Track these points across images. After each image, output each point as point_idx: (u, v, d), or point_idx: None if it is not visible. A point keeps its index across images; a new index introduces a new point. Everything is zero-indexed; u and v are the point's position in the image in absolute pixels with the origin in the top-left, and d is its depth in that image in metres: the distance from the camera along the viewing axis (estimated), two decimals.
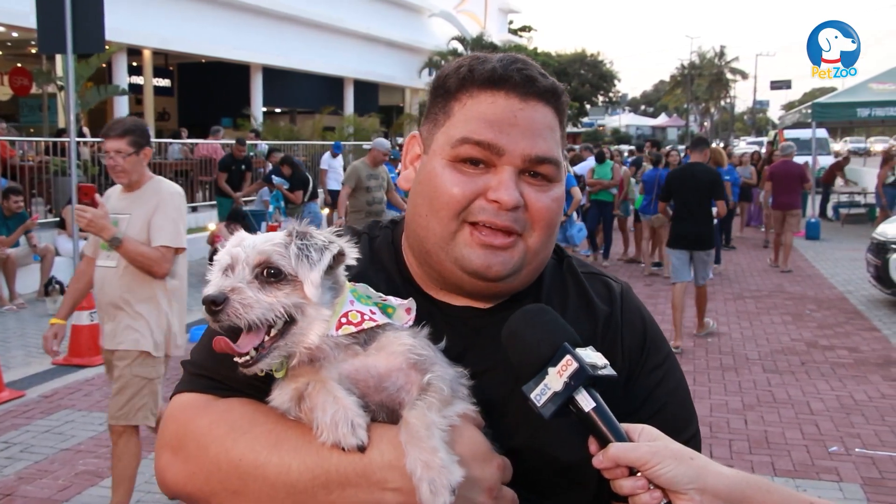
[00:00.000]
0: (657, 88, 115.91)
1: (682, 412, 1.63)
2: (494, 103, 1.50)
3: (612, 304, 1.66)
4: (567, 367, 1.32)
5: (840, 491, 5.91)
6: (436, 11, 42.00)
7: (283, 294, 1.35)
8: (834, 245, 19.75)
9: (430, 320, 1.51)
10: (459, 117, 1.52)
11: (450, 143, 1.51)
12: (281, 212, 15.84)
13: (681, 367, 1.71)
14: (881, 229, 13.26)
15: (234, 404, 1.45)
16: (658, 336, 1.70)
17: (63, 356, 9.02)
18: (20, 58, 26.58)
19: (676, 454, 1.30)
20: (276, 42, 29.77)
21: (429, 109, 1.61)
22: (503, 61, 1.53)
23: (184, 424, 1.46)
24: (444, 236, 1.50)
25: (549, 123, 1.53)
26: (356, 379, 1.38)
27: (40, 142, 16.97)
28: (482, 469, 1.34)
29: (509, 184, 1.47)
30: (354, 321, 1.39)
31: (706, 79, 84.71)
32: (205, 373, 1.52)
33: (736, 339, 10.49)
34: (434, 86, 1.61)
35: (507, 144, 1.48)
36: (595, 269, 1.76)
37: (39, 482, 5.89)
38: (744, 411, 7.65)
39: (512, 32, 59.55)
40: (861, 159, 44.49)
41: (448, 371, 1.41)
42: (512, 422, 1.50)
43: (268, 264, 1.36)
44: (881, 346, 10.11)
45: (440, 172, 1.51)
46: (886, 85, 20.74)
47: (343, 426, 1.29)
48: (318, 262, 1.36)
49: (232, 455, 1.37)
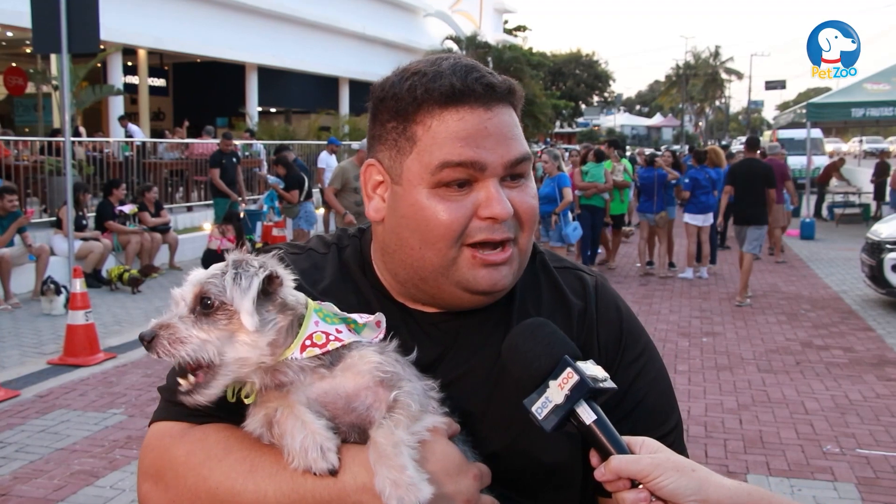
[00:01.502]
0: (652, 88, 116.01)
1: (662, 403, 1.62)
2: (462, 119, 1.45)
3: (586, 298, 1.65)
4: (568, 379, 1.32)
5: (835, 490, 5.93)
6: (431, 11, 42.01)
7: (220, 326, 1.35)
8: (828, 245, 19.80)
9: (405, 328, 1.51)
10: (428, 142, 1.45)
11: (429, 171, 1.45)
12: (275, 211, 15.83)
13: (660, 357, 1.70)
14: (875, 229, 13.29)
15: (210, 431, 1.45)
16: (635, 327, 1.68)
17: (58, 356, 9.03)
18: (15, 57, 26.54)
19: (678, 466, 1.30)
20: (271, 42, 29.75)
21: (380, 134, 1.53)
22: (458, 73, 1.46)
23: (161, 454, 1.46)
24: (443, 264, 1.48)
25: (514, 122, 1.51)
26: (325, 402, 1.38)
27: (35, 141, 16.93)
28: (456, 482, 1.34)
29: (499, 196, 1.45)
30: (319, 342, 1.38)
31: (701, 79, 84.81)
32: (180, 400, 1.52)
33: (731, 339, 10.51)
34: (379, 108, 1.53)
35: (487, 157, 1.45)
36: (568, 262, 1.75)
37: (34, 482, 5.88)
38: (738, 411, 7.66)
39: (507, 32, 59.58)
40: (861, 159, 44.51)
41: (416, 386, 1.40)
42: (493, 425, 1.50)
43: (203, 297, 1.36)
44: (875, 346, 10.13)
45: (426, 204, 1.46)
46: (880, 85, 20.78)
47: (313, 451, 1.30)
48: (247, 290, 1.35)
49: (209, 483, 1.38)
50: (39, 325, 10.75)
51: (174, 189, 19.88)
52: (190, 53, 27.64)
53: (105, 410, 7.44)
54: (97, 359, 8.99)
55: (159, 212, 15.42)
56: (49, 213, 15.07)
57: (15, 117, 27.01)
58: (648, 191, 15.32)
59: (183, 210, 19.26)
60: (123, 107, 24.59)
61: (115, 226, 14.26)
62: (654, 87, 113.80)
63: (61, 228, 13.05)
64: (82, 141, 18.18)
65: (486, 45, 41.67)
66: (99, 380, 8.41)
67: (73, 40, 10.82)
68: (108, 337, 10.00)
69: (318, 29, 32.59)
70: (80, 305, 9.00)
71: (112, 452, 6.43)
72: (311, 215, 15.42)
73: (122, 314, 11.54)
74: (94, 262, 13.36)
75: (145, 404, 7.58)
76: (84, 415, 7.33)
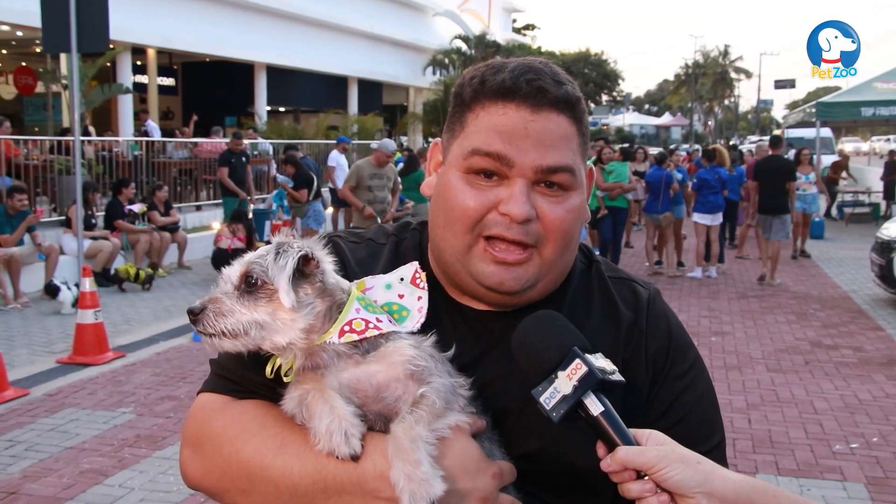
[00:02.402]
0: (661, 87, 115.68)
1: (707, 420, 1.62)
2: (505, 115, 1.48)
3: (637, 310, 1.65)
4: (576, 370, 1.33)
5: (844, 490, 5.91)
6: (440, 10, 42.02)
7: (261, 302, 1.41)
8: (838, 244, 19.73)
9: (450, 323, 1.54)
10: (472, 128, 1.51)
11: (462, 155, 1.51)
12: (284, 210, 15.82)
13: (708, 375, 1.69)
14: (885, 228, 13.24)
15: (248, 407, 1.51)
16: (684, 342, 1.68)
17: (67, 355, 9.06)
18: (25, 57, 26.62)
19: (683, 458, 1.31)
20: (280, 41, 29.78)
21: (449, 118, 1.61)
22: (514, 72, 1.50)
23: (202, 423, 1.54)
24: (460, 249, 1.51)
25: (563, 133, 1.49)
26: (355, 388, 1.42)
27: (45, 141, 16.99)
28: (474, 480, 1.36)
29: (520, 197, 1.46)
30: (358, 329, 1.42)
31: (710, 78, 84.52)
32: (226, 374, 1.58)
33: (740, 339, 10.48)
34: (453, 94, 1.61)
35: (517, 156, 1.46)
36: (624, 273, 1.74)
37: (44, 480, 5.90)
38: (748, 410, 7.65)
39: (516, 31, 59.57)
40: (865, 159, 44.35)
41: (445, 382, 1.42)
42: (528, 426, 1.51)
43: (248, 275, 1.42)
44: (885, 346, 10.09)
45: (454, 185, 1.51)
46: (891, 84, 20.72)
47: (337, 436, 1.34)
48: (284, 268, 1.40)
49: (241, 456, 1.44)
50: (49, 324, 10.79)
51: (183, 188, 19.92)
52: (199, 53, 27.69)
53: (114, 409, 7.46)
54: (106, 358, 9.02)
55: (168, 211, 15.45)
56: (58, 213, 15.10)
57: (25, 116, 27.07)
58: (655, 190, 15.28)
59: (192, 209, 19.30)
60: (132, 106, 24.66)
61: (125, 225, 14.30)
62: (663, 87, 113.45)
63: (71, 227, 13.08)
64: (92, 140, 18.21)
65: (495, 44, 41.68)
66: (108, 379, 8.43)
67: (83, 40, 10.85)
68: (117, 336, 10.03)
69: (326, 28, 32.60)
70: (90, 304, 9.03)
71: (121, 451, 6.44)
72: (319, 214, 15.42)
73: (132, 313, 11.57)
74: (104, 262, 13.40)
75: (154, 403, 7.60)
76: (93, 414, 7.35)
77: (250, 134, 23.34)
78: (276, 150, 22.79)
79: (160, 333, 10.35)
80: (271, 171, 21.14)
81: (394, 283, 1.54)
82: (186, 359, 9.14)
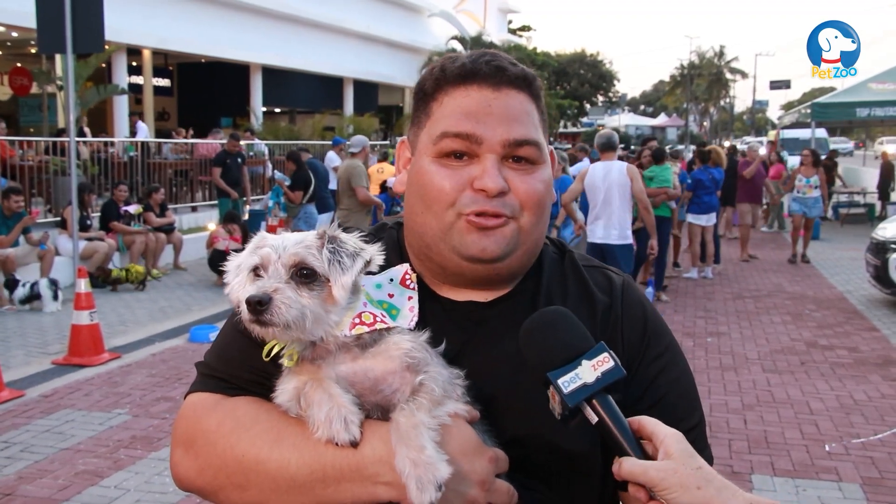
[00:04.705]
0: (657, 88, 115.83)
1: (684, 402, 1.65)
2: (468, 96, 1.55)
3: (612, 295, 1.68)
4: (603, 363, 1.37)
5: (839, 490, 5.92)
6: (435, 11, 41.99)
7: (314, 295, 1.41)
8: (833, 245, 19.76)
9: (432, 315, 1.56)
10: (438, 115, 1.57)
11: (432, 141, 1.56)
12: (281, 207, 15.75)
13: (684, 358, 1.72)
14: (880, 229, 13.27)
15: (240, 403, 1.52)
16: (660, 327, 1.71)
17: (63, 356, 9.04)
18: (20, 57, 26.55)
19: (683, 482, 1.31)
20: (275, 42, 29.76)
21: (413, 115, 1.66)
22: (472, 56, 1.58)
23: (194, 422, 1.54)
24: (441, 228, 1.55)
25: (525, 109, 1.57)
26: (353, 381, 1.44)
27: (40, 141, 16.96)
28: (472, 463, 1.38)
29: (492, 171, 1.51)
30: (367, 322, 1.45)
31: (705, 79, 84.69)
32: (215, 373, 1.60)
33: (735, 339, 10.49)
34: (415, 91, 1.67)
35: (485, 133, 1.52)
36: (597, 262, 1.79)
37: (39, 482, 5.89)
38: (743, 411, 7.66)
39: (511, 32, 59.54)
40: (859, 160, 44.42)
41: (442, 372, 1.44)
42: (514, 413, 1.53)
43: (302, 265, 1.42)
44: (881, 346, 10.11)
45: (427, 169, 1.56)
46: (886, 85, 20.73)
47: (337, 422, 1.36)
48: (350, 268, 1.43)
49: (237, 451, 1.45)
50: (44, 325, 10.77)
51: (179, 189, 19.89)
52: (194, 53, 27.66)
53: (110, 410, 7.45)
54: (102, 359, 9.00)
55: (164, 212, 15.44)
56: (54, 214, 15.08)
57: (20, 117, 27.02)
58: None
59: (187, 210, 19.28)
60: (128, 107, 24.63)
61: (120, 226, 14.28)
62: (658, 87, 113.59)
63: (66, 228, 13.07)
64: (87, 141, 18.18)
65: (491, 45, 41.62)
66: (103, 380, 8.42)
67: (78, 40, 10.85)
68: (112, 337, 10.01)
69: (322, 29, 32.59)
70: (85, 305, 9.01)
71: (116, 452, 6.44)
72: (311, 217, 15.31)
73: (127, 314, 11.55)
74: (99, 262, 13.38)
75: (150, 404, 7.59)
76: (89, 415, 7.34)
77: (247, 135, 23.32)
78: (272, 150, 22.76)
79: (156, 334, 10.34)
80: (267, 172, 21.11)
81: (384, 284, 1.56)
82: (182, 360, 9.12)
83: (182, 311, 11.77)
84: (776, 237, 21.95)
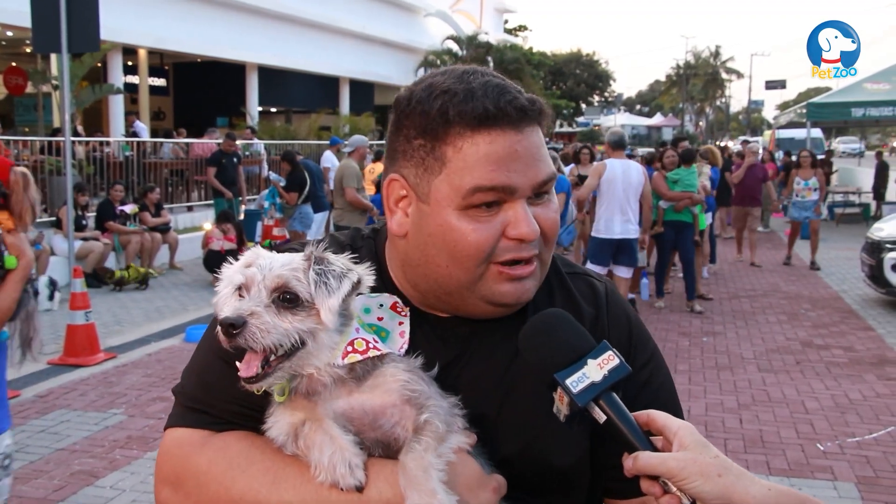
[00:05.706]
0: (652, 88, 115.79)
1: (670, 407, 1.62)
2: (493, 143, 1.43)
3: (597, 305, 1.68)
4: (609, 361, 1.37)
5: (835, 490, 5.93)
6: (431, 11, 41.97)
7: (298, 319, 1.35)
8: (828, 244, 19.76)
9: (419, 332, 1.52)
10: (459, 164, 1.44)
11: (460, 194, 1.44)
12: (276, 208, 15.76)
13: (666, 365, 1.74)
14: (876, 229, 13.29)
15: (231, 440, 1.46)
16: (643, 333, 1.72)
17: (58, 356, 9.03)
18: (15, 57, 26.50)
19: (703, 470, 1.30)
20: (271, 42, 29.71)
21: (405, 150, 1.50)
22: (489, 95, 1.44)
23: (181, 461, 1.47)
24: (471, 280, 1.48)
25: (541, 142, 1.51)
26: (351, 417, 1.39)
27: (35, 141, 16.93)
28: (478, 497, 1.38)
29: (527, 218, 1.46)
30: (360, 349, 1.39)
31: (701, 78, 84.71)
32: (198, 406, 1.52)
33: (731, 339, 10.51)
34: (403, 122, 1.50)
35: (517, 181, 1.45)
36: (578, 268, 1.76)
37: (34, 482, 5.88)
38: (739, 410, 7.66)
39: (507, 32, 59.54)
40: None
41: (442, 405, 1.41)
42: (505, 430, 1.52)
43: (285, 289, 1.35)
44: (876, 346, 10.13)
45: (456, 225, 1.45)
46: (881, 85, 20.77)
47: (341, 466, 1.32)
48: (336, 290, 1.36)
49: (232, 493, 1.39)
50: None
51: (174, 189, 19.87)
52: (190, 53, 27.60)
53: (105, 410, 7.44)
54: (97, 359, 8.99)
55: (160, 212, 15.42)
56: (49, 213, 15.06)
57: (15, 117, 26.97)
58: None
59: (183, 210, 19.26)
60: (123, 106, 24.58)
61: (116, 226, 14.27)
62: (654, 87, 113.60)
63: (61, 228, 13.04)
64: (82, 141, 18.14)
65: (487, 44, 41.66)
66: (99, 380, 8.41)
67: (74, 40, 10.82)
68: (108, 337, 10.00)
69: (318, 29, 32.54)
70: (81, 305, 9.00)
71: (112, 452, 6.43)
72: (306, 217, 15.32)
73: (123, 314, 11.53)
74: (94, 262, 13.36)
75: (145, 404, 7.58)
76: (84, 415, 7.33)
77: (247, 134, 23.27)
78: (269, 150, 22.73)
79: (152, 334, 10.33)
80: (263, 171, 21.09)
81: (373, 308, 1.51)
82: (178, 360, 9.11)
83: (178, 311, 11.76)
84: (771, 237, 21.97)
